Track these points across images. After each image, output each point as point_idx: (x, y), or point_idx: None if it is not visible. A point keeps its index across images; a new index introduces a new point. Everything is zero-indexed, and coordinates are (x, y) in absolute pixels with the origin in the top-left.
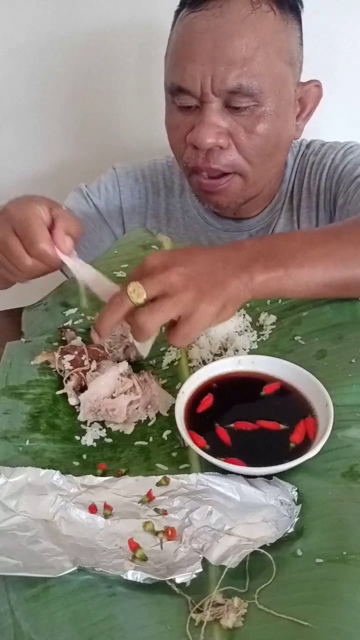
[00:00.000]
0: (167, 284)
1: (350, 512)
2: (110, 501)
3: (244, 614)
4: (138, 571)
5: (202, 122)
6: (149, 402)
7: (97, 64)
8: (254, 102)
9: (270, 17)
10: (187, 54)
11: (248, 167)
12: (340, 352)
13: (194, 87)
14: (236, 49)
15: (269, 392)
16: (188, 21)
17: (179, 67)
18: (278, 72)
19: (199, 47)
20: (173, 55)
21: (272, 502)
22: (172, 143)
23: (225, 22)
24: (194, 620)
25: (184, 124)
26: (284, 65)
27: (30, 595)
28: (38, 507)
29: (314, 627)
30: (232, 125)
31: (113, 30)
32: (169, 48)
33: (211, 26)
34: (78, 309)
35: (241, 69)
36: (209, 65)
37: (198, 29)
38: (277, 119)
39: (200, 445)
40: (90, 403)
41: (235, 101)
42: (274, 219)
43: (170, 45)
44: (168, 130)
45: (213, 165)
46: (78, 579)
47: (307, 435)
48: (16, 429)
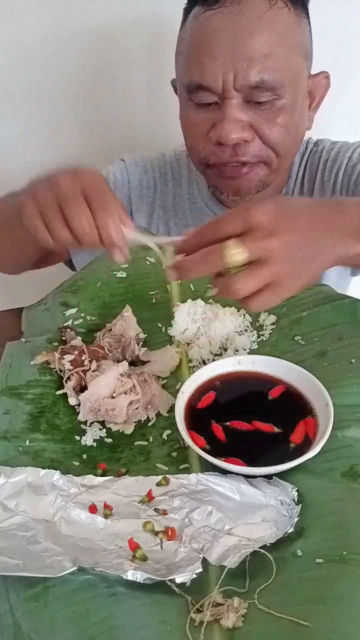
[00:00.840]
0: (269, 252)
1: (351, 512)
2: (110, 501)
3: (244, 614)
4: (138, 571)
5: (225, 118)
6: (149, 402)
7: (105, 58)
8: (274, 95)
9: (285, 12)
10: (207, 51)
11: (274, 157)
12: (340, 352)
13: (216, 84)
14: (257, 45)
15: (275, 395)
16: (204, 19)
17: (197, 65)
18: (295, 65)
19: (219, 44)
20: (190, 54)
21: (272, 502)
22: (190, 140)
23: (243, 19)
24: (194, 620)
25: (204, 121)
26: (300, 59)
27: (30, 595)
28: (38, 507)
29: (314, 627)
30: (254, 118)
31: (122, 23)
32: (183, 46)
33: (230, 23)
34: (78, 309)
35: (263, 65)
36: (230, 62)
37: (216, 26)
38: (295, 111)
39: (200, 445)
40: (90, 403)
41: (256, 96)
42: None
43: (183, 43)
44: (185, 127)
45: (242, 158)
46: (78, 578)
47: (307, 435)
48: (16, 429)
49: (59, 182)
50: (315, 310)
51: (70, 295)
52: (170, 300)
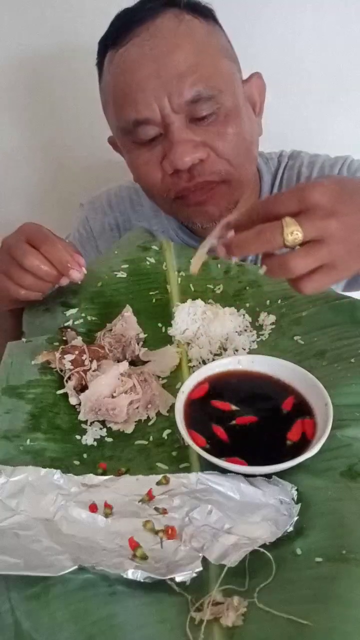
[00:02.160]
0: (328, 232)
1: (350, 511)
2: (110, 500)
3: (243, 613)
4: (138, 570)
5: (173, 143)
6: (149, 402)
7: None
8: (216, 104)
9: (197, 22)
10: (133, 85)
11: (232, 170)
12: (339, 352)
13: (153, 114)
14: (180, 60)
15: (288, 408)
16: (120, 58)
17: (128, 102)
18: (225, 69)
19: (142, 73)
20: (118, 96)
21: (271, 501)
22: (145, 181)
23: (159, 41)
24: (194, 619)
25: (154, 157)
26: (227, 61)
27: (30, 594)
28: (39, 506)
29: (313, 625)
30: (203, 135)
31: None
32: (108, 96)
33: (146, 50)
34: (78, 309)
35: (193, 77)
36: (159, 87)
37: (134, 58)
38: (241, 116)
39: (200, 444)
40: (91, 402)
41: (198, 111)
42: None
43: (107, 93)
44: (136, 171)
45: (199, 179)
46: (78, 577)
47: (304, 434)
48: (17, 429)
49: (6, 242)
50: (315, 310)
51: (70, 295)
52: (170, 300)
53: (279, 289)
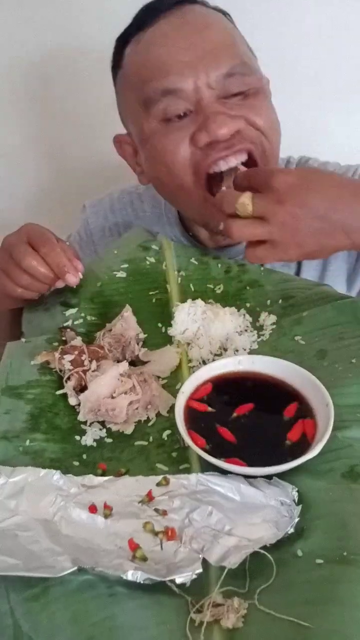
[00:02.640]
0: (271, 214)
1: (351, 513)
2: (110, 501)
3: (244, 615)
4: (138, 571)
5: (210, 115)
6: (149, 402)
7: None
8: (247, 83)
9: (221, 17)
10: (165, 57)
11: (265, 142)
12: (340, 352)
13: (186, 86)
14: (214, 36)
15: (290, 415)
16: (150, 35)
17: (159, 73)
18: (249, 54)
19: (176, 46)
20: (144, 71)
21: (272, 502)
22: (172, 162)
23: (191, 18)
24: (194, 621)
25: (182, 133)
26: (249, 51)
27: (30, 595)
28: (38, 507)
29: (314, 627)
30: (236, 110)
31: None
32: (132, 78)
33: (179, 25)
34: (78, 309)
35: (227, 52)
36: (195, 59)
37: (167, 33)
38: (268, 95)
39: (200, 445)
40: (91, 403)
41: (230, 86)
42: None
43: (131, 76)
44: (161, 153)
45: (239, 146)
46: (78, 579)
47: (305, 435)
48: (16, 429)
49: (8, 241)
50: (315, 310)
51: (70, 295)
52: (170, 300)
53: (279, 289)
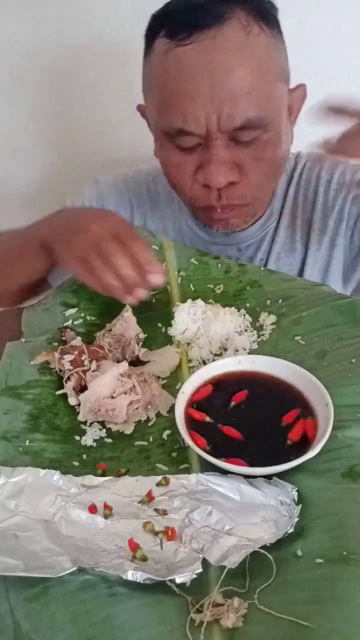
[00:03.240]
0: None
1: (351, 512)
2: (110, 501)
3: (244, 614)
4: (138, 571)
5: (212, 161)
6: (149, 402)
7: (88, 72)
8: (260, 131)
9: (263, 38)
10: (184, 93)
11: (259, 194)
12: (340, 352)
13: (199, 128)
14: (238, 82)
15: (289, 420)
16: (176, 56)
17: (176, 109)
18: (278, 94)
19: (197, 84)
20: (165, 96)
21: (272, 502)
22: (175, 180)
23: (221, 54)
24: (194, 621)
25: (188, 163)
26: (281, 85)
27: (30, 595)
28: (38, 507)
29: (314, 627)
30: (240, 158)
31: (109, 39)
32: (154, 84)
33: (207, 60)
34: (78, 309)
35: (246, 103)
36: (211, 104)
37: (192, 64)
38: (280, 140)
39: (200, 445)
40: (90, 403)
41: (243, 135)
42: (266, 234)
43: (153, 80)
44: (167, 168)
45: (225, 201)
46: (78, 579)
47: (305, 434)
48: (16, 429)
49: (91, 230)
50: (315, 310)
51: (70, 295)
52: (170, 300)
53: (279, 288)
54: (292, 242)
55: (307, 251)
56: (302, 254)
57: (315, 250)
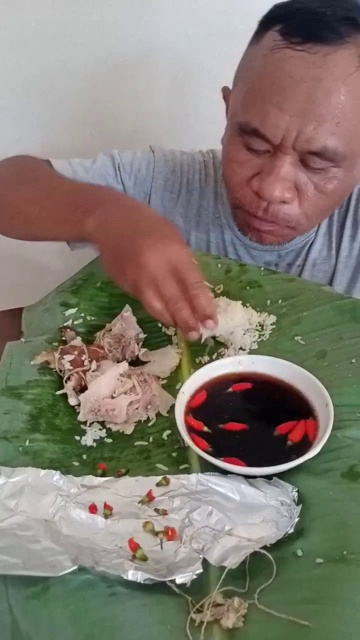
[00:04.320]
0: None
1: (351, 512)
2: (110, 501)
3: (244, 614)
4: (138, 571)
5: (274, 173)
6: (149, 402)
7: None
8: (331, 165)
9: None
10: (275, 98)
11: (305, 222)
12: (340, 352)
13: (274, 136)
14: (332, 108)
15: (283, 432)
16: (282, 58)
17: (260, 109)
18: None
19: (291, 95)
20: (254, 92)
21: (272, 502)
22: (229, 176)
23: (326, 74)
24: (194, 621)
25: (250, 165)
26: None
27: (29, 594)
28: (38, 507)
29: (314, 627)
30: (303, 181)
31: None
32: (249, 73)
33: (310, 76)
34: (78, 309)
35: (331, 131)
36: (297, 119)
37: (294, 74)
38: (347, 179)
39: (200, 445)
40: (90, 403)
41: (312, 161)
42: (307, 241)
43: (250, 70)
44: (227, 161)
45: (269, 217)
46: (78, 578)
47: (306, 435)
48: (16, 429)
49: (147, 264)
50: (315, 310)
51: (70, 295)
52: None
53: (279, 289)
54: (329, 250)
55: (338, 258)
56: (335, 260)
57: (345, 257)
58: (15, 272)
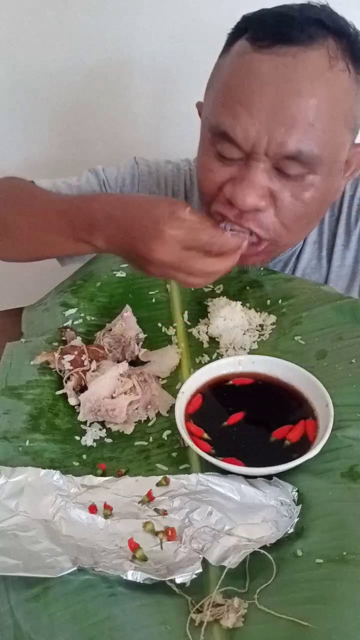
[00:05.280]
0: None
1: (350, 512)
2: (110, 501)
3: (244, 614)
4: (138, 571)
5: (245, 180)
6: (149, 402)
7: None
8: (307, 170)
9: (345, 77)
10: (244, 101)
11: (283, 233)
12: (340, 352)
13: (245, 142)
14: (303, 110)
15: (279, 437)
16: (251, 60)
17: (230, 112)
18: (340, 140)
19: (260, 97)
20: (225, 95)
21: (272, 502)
22: (202, 183)
23: (296, 75)
24: (194, 621)
25: (222, 172)
26: (347, 132)
27: (30, 595)
28: (38, 507)
29: (314, 627)
30: (277, 188)
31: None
32: (219, 78)
33: (279, 76)
34: (78, 309)
35: (304, 135)
36: (267, 123)
37: (262, 75)
38: (325, 187)
39: (199, 445)
40: (90, 403)
41: (287, 167)
42: (295, 250)
43: (218, 76)
44: (200, 170)
45: (245, 224)
46: (78, 579)
47: (306, 435)
48: (16, 429)
49: (170, 237)
50: (315, 310)
51: (70, 295)
52: (170, 300)
53: (279, 289)
54: (319, 259)
55: (330, 267)
56: (326, 270)
57: (338, 266)
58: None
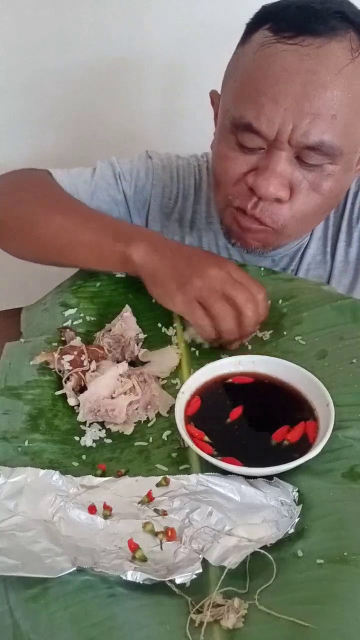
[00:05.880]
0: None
1: (351, 513)
2: (109, 502)
3: (244, 615)
4: (138, 572)
5: (269, 169)
6: (148, 403)
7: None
8: (328, 161)
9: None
10: (269, 92)
11: (292, 224)
12: (340, 352)
13: (269, 131)
14: (328, 101)
15: (278, 439)
16: (274, 52)
17: (254, 104)
18: (355, 136)
19: (285, 88)
20: (247, 87)
21: (272, 502)
22: (219, 174)
23: (320, 66)
24: (194, 621)
25: (243, 161)
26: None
27: (29, 595)
28: (37, 508)
29: (314, 627)
30: (298, 178)
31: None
32: (240, 70)
33: (303, 68)
34: (77, 309)
35: (328, 125)
36: (292, 112)
37: (287, 66)
38: (343, 179)
39: (199, 445)
40: (90, 403)
41: (308, 156)
42: (301, 246)
43: (240, 68)
44: (219, 160)
45: (259, 214)
46: (77, 579)
47: (307, 435)
48: (15, 430)
49: (210, 274)
50: (315, 310)
51: (69, 295)
52: None
53: (279, 289)
54: (323, 255)
55: (333, 263)
56: (330, 266)
57: (341, 262)
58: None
